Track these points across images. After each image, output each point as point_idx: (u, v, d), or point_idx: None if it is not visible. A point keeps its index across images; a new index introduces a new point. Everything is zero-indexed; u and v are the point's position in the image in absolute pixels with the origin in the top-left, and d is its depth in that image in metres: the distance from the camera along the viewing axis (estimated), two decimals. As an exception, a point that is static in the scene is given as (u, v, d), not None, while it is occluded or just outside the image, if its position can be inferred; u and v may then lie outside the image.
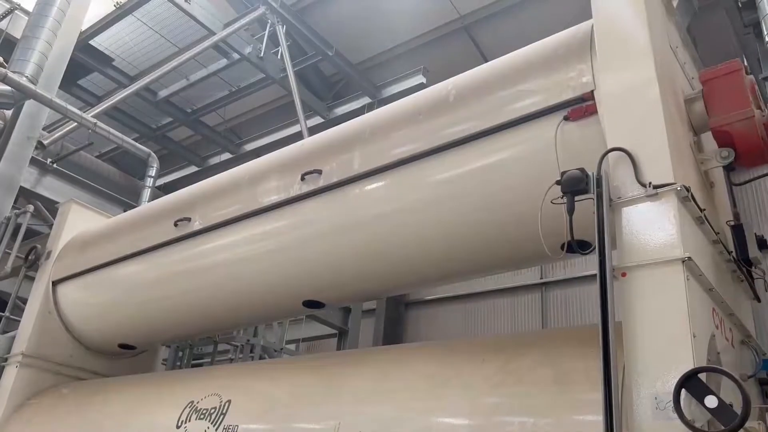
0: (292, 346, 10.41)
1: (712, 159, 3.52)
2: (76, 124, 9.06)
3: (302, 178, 4.74)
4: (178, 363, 8.10)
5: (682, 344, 2.67)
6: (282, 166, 5.05)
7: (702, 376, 2.56)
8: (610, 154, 3.17)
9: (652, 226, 2.96)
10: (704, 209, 3.17)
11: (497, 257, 4.24)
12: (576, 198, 3.13)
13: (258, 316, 6.01)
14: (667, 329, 2.73)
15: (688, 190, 2.99)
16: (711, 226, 3.25)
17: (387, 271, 4.58)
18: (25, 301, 7.00)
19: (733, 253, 3.60)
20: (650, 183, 3.00)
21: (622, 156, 3.14)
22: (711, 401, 2.49)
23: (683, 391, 2.55)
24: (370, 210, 4.40)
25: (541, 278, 11.98)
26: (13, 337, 6.73)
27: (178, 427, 4.62)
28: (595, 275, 2.90)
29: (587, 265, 11.37)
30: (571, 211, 3.11)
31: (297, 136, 10.18)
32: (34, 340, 6.44)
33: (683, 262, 2.81)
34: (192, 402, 4.69)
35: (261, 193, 5.02)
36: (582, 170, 3.14)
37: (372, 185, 4.41)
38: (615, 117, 3.29)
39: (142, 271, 5.90)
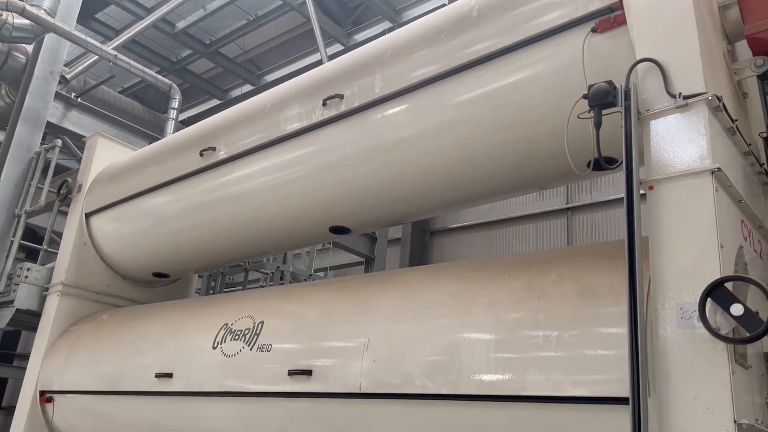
0: (320, 274, 10.64)
1: (746, 68, 3.40)
2: (96, 57, 9.05)
3: (324, 104, 4.70)
4: (211, 291, 8.36)
5: (709, 255, 2.67)
6: (303, 92, 5.01)
7: (729, 285, 2.57)
8: (639, 66, 3.08)
9: (681, 138, 2.90)
10: (736, 120, 3.09)
11: (523, 178, 4.21)
12: (603, 112, 3.07)
13: (285, 243, 6.11)
14: (695, 240, 2.72)
15: (719, 99, 2.91)
16: (743, 137, 3.18)
17: (411, 194, 4.59)
18: (60, 235, 7.22)
19: (765, 165, 3.52)
20: (680, 93, 2.92)
21: (651, 67, 3.05)
22: (737, 309, 2.51)
23: (709, 300, 2.57)
24: (393, 133, 4.37)
25: (567, 203, 11.91)
26: (52, 269, 6.99)
27: (214, 348, 4.81)
28: (621, 199, 2.87)
29: (613, 188, 11.26)
30: (598, 125, 3.06)
31: (317, 65, 10.04)
32: (72, 271, 6.67)
33: (712, 173, 2.77)
34: (226, 324, 4.87)
35: (283, 121, 5.01)
36: (610, 83, 3.06)
37: (394, 108, 4.36)
38: (645, 26, 3.17)
39: (171, 202, 6.01)
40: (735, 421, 2.43)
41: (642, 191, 2.89)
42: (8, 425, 6.32)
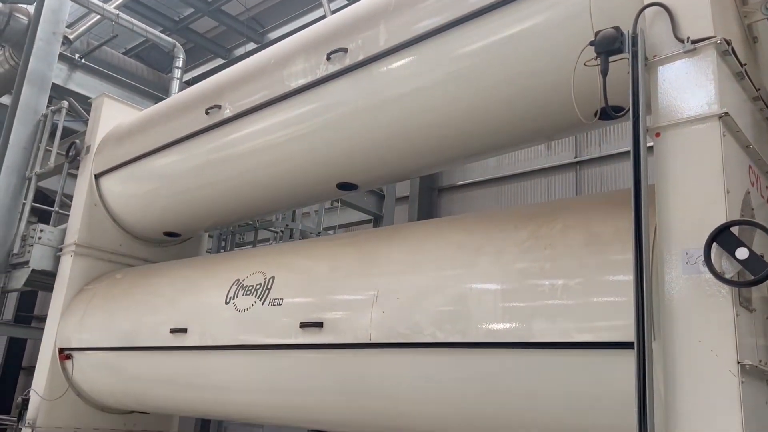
0: (329, 233, 10.70)
1: (756, 11, 3.33)
2: (98, 17, 8.97)
3: (328, 58, 4.67)
4: (222, 251, 8.45)
5: (715, 200, 2.67)
6: (307, 47, 4.96)
7: (734, 230, 2.58)
8: (646, 10, 3.03)
9: (689, 84, 2.88)
10: (745, 64, 3.05)
11: (530, 129, 4.19)
12: (610, 59, 3.04)
13: (293, 200, 6.14)
14: (701, 186, 2.72)
15: (728, 43, 2.87)
16: (752, 82, 3.15)
17: (418, 149, 4.58)
18: (71, 198, 7.29)
19: (775, 111, 3.49)
20: (688, 38, 2.89)
21: (659, 11, 3.00)
22: (742, 253, 2.53)
23: (714, 244, 2.58)
24: (398, 87, 4.34)
25: (575, 157, 11.84)
26: (65, 230, 7.08)
27: (227, 303, 4.90)
28: (630, 151, 2.86)
29: (622, 140, 11.16)
30: (605, 72, 3.03)
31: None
32: (85, 231, 6.76)
33: (720, 118, 2.75)
34: (238, 280, 4.95)
35: (288, 77, 4.98)
36: (617, 29, 3.02)
37: (399, 61, 4.32)
38: (653, -30, 3.11)
39: (178, 161, 6.03)
40: (738, 362, 2.48)
41: (649, 144, 2.87)
42: (29, 385, 6.51)
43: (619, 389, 2.86)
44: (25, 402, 6.30)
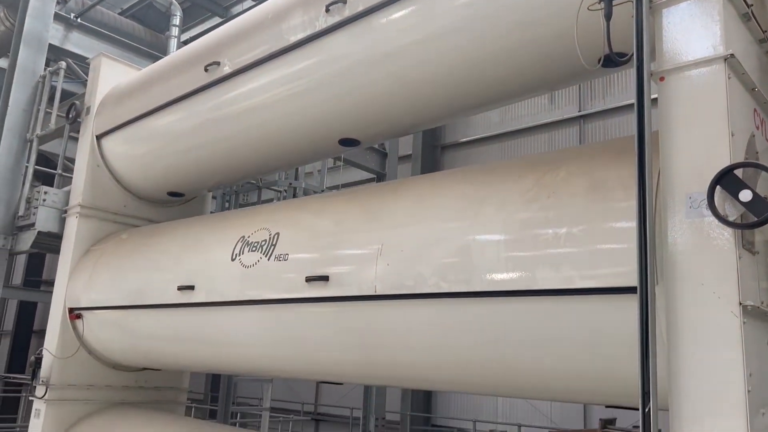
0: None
1: (764, -50, 3.25)
2: (92, -25, 8.80)
3: (327, 10, 4.59)
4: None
5: (719, 143, 2.66)
6: (306, -1, 4.88)
7: (738, 173, 2.58)
8: (651, -49, 2.96)
9: (694, 26, 2.83)
10: (752, 5, 2.99)
11: (533, 79, 4.14)
12: (614, 2, 2.99)
13: (296, 157, 6.13)
14: (705, 129, 2.70)
15: (735, -17, 2.81)
16: (758, 23, 3.09)
17: (419, 102, 4.54)
18: (73, 161, 7.29)
19: (781, 54, 3.43)
20: (694, -22, 2.83)
21: (664, -48, 2.93)
22: (745, 195, 2.52)
23: (718, 188, 2.58)
24: (399, 39, 4.28)
25: (579, 111, 11.74)
26: (69, 192, 7.10)
27: (232, 259, 4.95)
28: (633, 104, 2.83)
29: (625, 94, 11.04)
30: (608, 16, 2.98)
31: (320, -25, 9.70)
32: (88, 193, 6.78)
33: (725, 60, 2.71)
34: (243, 237, 4.98)
35: (287, 30, 4.91)
36: (621, -29, 2.96)
37: (399, 12, 4.25)
38: None
39: (179, 120, 6.00)
40: (740, 303, 2.50)
41: (653, 96, 2.84)
42: (41, 347, 6.62)
43: (622, 334, 2.90)
44: (38, 361, 6.42)
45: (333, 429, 20.51)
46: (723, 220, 2.54)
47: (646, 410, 2.52)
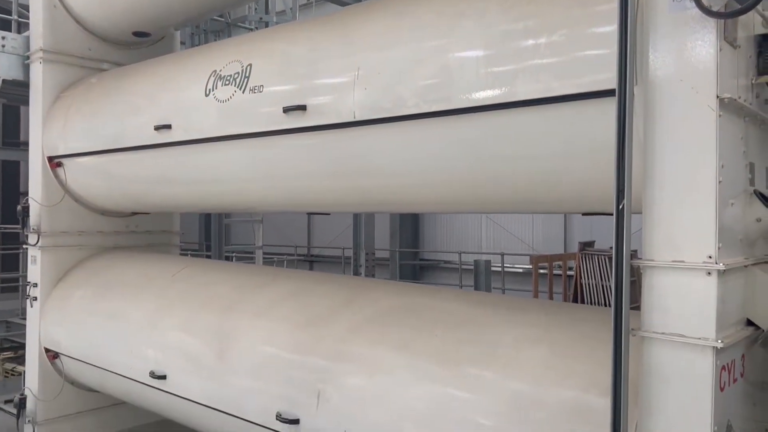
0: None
1: None
2: None
3: None
4: (197, 52, 8.13)
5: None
6: None
7: None
8: None
9: None
10: None
11: None
12: None
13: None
14: None
15: None
16: None
17: None
18: (27, 7, 6.81)
19: None
20: None
21: None
22: None
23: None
24: None
25: None
26: (28, 37, 6.72)
27: (207, 95, 4.81)
28: None
29: None
30: None
31: None
32: (49, 36, 6.42)
33: None
34: (215, 71, 4.80)
35: None
36: None
37: None
38: None
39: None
40: (717, 96, 2.49)
41: None
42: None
43: (602, 138, 2.90)
44: (26, 210, 6.46)
45: (326, 268, 21.48)
46: (706, 10, 2.45)
47: (620, 207, 2.58)
